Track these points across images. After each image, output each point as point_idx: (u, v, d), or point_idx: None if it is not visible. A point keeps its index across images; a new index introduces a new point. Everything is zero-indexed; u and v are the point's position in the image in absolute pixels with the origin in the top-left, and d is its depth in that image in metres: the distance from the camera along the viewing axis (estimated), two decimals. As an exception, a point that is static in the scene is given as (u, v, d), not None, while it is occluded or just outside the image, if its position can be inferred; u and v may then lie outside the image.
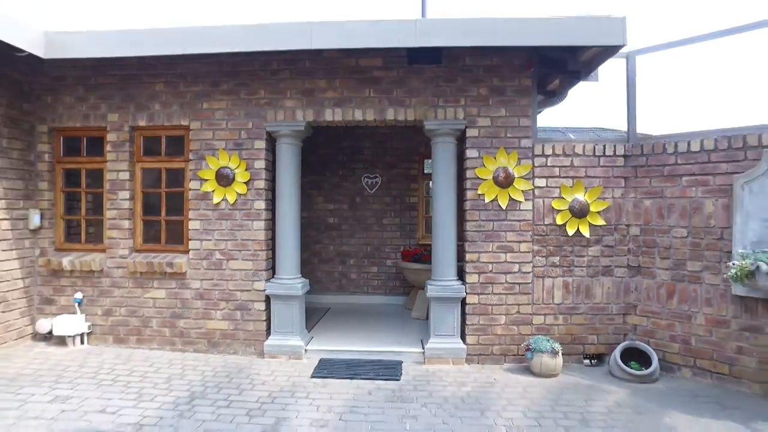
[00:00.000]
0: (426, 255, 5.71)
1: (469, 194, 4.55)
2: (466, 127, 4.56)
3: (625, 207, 4.51)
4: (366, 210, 7.25)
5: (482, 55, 4.52)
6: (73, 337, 4.79)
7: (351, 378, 4.09)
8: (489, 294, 4.53)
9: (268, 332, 4.74)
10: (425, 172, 7.15)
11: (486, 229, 4.54)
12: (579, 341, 4.53)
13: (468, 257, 4.55)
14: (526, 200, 4.52)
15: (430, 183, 5.76)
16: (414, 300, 6.22)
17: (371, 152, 7.22)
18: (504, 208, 4.52)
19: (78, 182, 5.15)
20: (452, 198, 4.62)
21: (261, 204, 4.72)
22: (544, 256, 4.53)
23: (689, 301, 4.15)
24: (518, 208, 4.52)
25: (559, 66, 4.82)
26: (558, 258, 4.52)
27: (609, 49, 4.16)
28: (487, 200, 4.52)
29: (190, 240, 4.81)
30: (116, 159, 4.91)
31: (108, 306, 4.90)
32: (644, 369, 4.09)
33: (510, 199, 4.51)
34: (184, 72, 4.79)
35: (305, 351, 4.64)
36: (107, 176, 4.94)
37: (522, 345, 4.43)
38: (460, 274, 4.69)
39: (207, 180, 4.75)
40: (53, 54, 4.31)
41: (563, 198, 4.50)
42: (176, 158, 4.95)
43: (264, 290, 4.68)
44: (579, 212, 4.48)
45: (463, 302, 4.57)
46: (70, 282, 4.94)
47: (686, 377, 4.15)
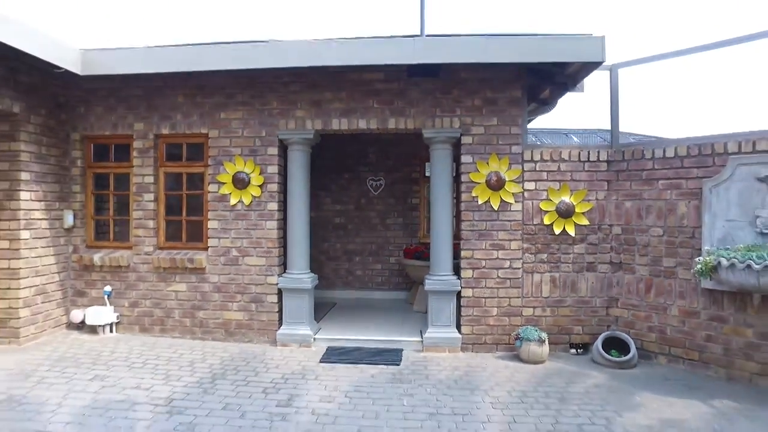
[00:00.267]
0: (426, 252, 6.10)
1: (464, 196, 4.96)
2: (461, 135, 4.97)
3: (608, 208, 4.90)
4: (371, 210, 7.68)
5: (476, 69, 4.91)
6: (103, 327, 5.26)
7: (356, 363, 4.52)
8: (482, 288, 4.94)
9: (280, 322, 5.18)
10: (426, 175, 7.52)
11: (479, 229, 4.95)
12: (565, 332, 4.93)
13: (463, 254, 4.96)
14: (517, 202, 4.92)
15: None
16: (415, 295, 6.64)
17: (375, 156, 7.66)
18: (496, 209, 4.92)
19: (106, 185, 5.62)
20: (449, 200, 5.04)
21: (274, 205, 5.16)
22: (533, 253, 4.92)
23: (665, 295, 4.53)
24: (509, 209, 4.92)
25: (549, 77, 5.23)
26: (546, 255, 4.92)
27: (590, 65, 4.56)
28: (481, 202, 4.93)
29: (209, 238, 5.27)
30: (142, 164, 5.38)
31: (134, 298, 5.37)
32: (623, 356, 4.48)
33: (501, 201, 4.92)
34: (204, 84, 5.24)
35: (314, 340, 5.08)
36: (133, 180, 5.41)
37: (512, 334, 4.84)
38: (457, 270, 5.10)
39: (224, 183, 5.20)
40: (89, 71, 4.79)
41: (551, 200, 4.90)
42: (196, 163, 5.41)
43: (276, 284, 5.13)
44: (565, 213, 4.87)
45: (459, 295, 4.98)
46: (100, 276, 5.42)
47: (662, 364, 4.53)
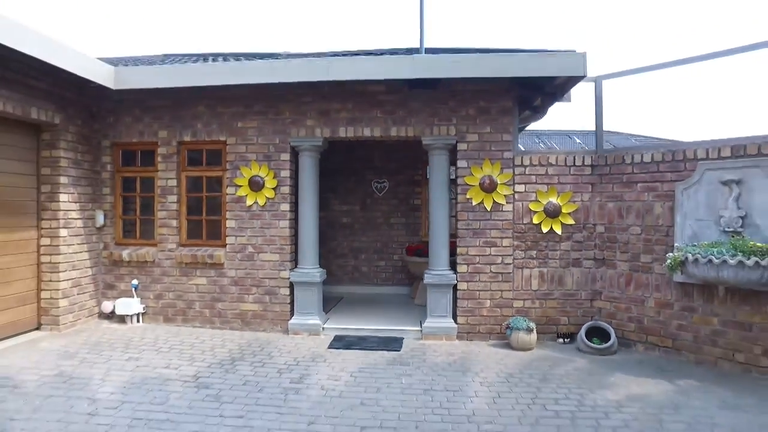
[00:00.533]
0: (427, 250, 6.53)
1: (460, 198, 5.42)
2: (457, 142, 5.42)
3: (592, 209, 5.33)
4: (375, 211, 8.16)
5: (470, 82, 5.36)
6: (131, 316, 5.78)
7: (360, 349, 4.99)
8: (476, 281, 5.39)
9: (292, 313, 5.66)
10: (427, 178, 7.97)
11: (474, 228, 5.40)
12: (553, 322, 5.36)
13: (459, 251, 5.42)
14: (508, 203, 5.37)
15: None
16: (416, 290, 7.10)
17: (380, 160, 8.14)
18: (489, 210, 5.37)
19: (133, 188, 6.14)
20: (446, 201, 5.50)
21: (286, 206, 5.65)
22: (523, 250, 5.37)
23: (642, 288, 4.95)
24: (501, 210, 5.37)
25: (539, 88, 5.67)
26: (535, 252, 5.36)
27: (573, 78, 4.99)
28: (475, 203, 5.38)
29: (227, 236, 5.77)
30: (165, 169, 5.89)
31: (159, 291, 5.89)
32: (604, 343, 4.91)
33: (494, 202, 5.36)
34: (223, 96, 5.74)
35: (323, 329, 5.56)
36: (158, 183, 5.93)
37: (503, 324, 5.29)
38: (453, 266, 5.55)
39: (241, 186, 5.70)
40: (121, 86, 5.31)
41: (539, 201, 5.34)
42: (215, 168, 5.92)
43: (288, 278, 5.62)
44: (552, 213, 5.31)
45: (455, 288, 5.43)
46: (128, 271, 5.95)
47: (640, 351, 4.95)
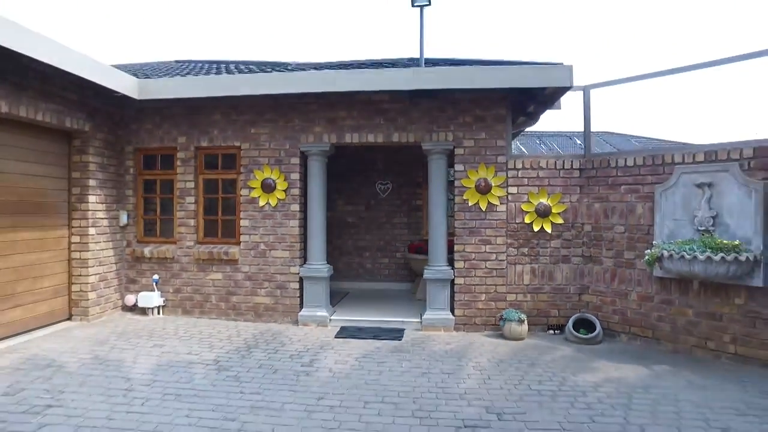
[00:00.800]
0: (427, 248, 6.96)
1: (457, 199, 5.83)
2: (455, 147, 5.83)
3: (580, 209, 5.72)
4: (379, 211, 8.59)
5: (467, 91, 5.76)
6: (152, 309, 6.24)
7: (365, 338, 5.41)
8: (472, 277, 5.80)
9: (301, 306, 6.09)
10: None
11: (470, 227, 5.81)
12: (544, 315, 5.76)
13: (456, 248, 5.83)
14: (501, 204, 5.77)
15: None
16: (417, 285, 7.52)
17: (384, 163, 8.56)
18: (484, 210, 5.78)
19: (154, 190, 6.60)
20: (444, 202, 5.92)
21: (296, 207, 6.09)
22: (516, 248, 5.77)
23: (626, 282, 5.34)
24: (495, 210, 5.77)
25: (532, 97, 6.07)
26: (527, 249, 5.76)
27: (561, 88, 5.39)
28: (471, 204, 5.79)
29: (241, 234, 6.21)
30: (184, 172, 6.34)
31: (178, 285, 6.34)
32: (590, 334, 5.30)
33: (489, 203, 5.77)
34: (237, 104, 6.19)
35: (330, 320, 5.99)
36: (177, 185, 6.38)
37: (497, 316, 5.69)
38: (451, 262, 5.96)
39: (254, 188, 6.14)
40: (144, 96, 5.78)
41: (531, 202, 5.73)
42: (230, 171, 6.36)
43: (298, 273, 6.05)
44: (543, 213, 5.71)
45: (452, 283, 5.85)
46: (149, 266, 6.41)
47: (623, 341, 5.35)
